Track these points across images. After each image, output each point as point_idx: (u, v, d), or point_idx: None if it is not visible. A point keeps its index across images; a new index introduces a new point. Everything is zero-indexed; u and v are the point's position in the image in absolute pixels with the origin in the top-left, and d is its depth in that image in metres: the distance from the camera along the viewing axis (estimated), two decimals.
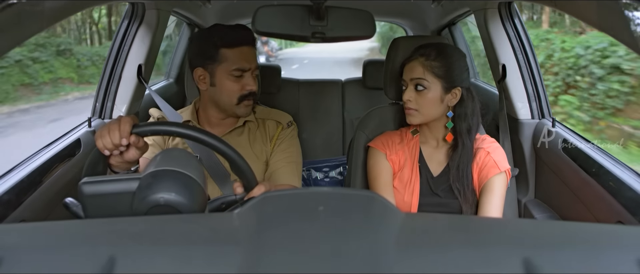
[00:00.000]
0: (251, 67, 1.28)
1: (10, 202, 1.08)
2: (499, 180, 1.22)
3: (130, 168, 0.97)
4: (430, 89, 1.22)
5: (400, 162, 1.31)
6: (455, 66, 1.22)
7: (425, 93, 1.23)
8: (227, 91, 1.28)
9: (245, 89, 1.28)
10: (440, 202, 1.27)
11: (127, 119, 0.89)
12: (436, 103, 1.23)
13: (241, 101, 1.28)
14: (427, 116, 1.25)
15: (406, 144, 1.32)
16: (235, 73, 1.26)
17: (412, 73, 1.24)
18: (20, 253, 0.42)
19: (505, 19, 1.62)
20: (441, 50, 1.23)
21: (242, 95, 1.28)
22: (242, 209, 0.51)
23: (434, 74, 1.22)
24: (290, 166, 1.33)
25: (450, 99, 1.24)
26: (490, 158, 1.24)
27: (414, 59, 1.25)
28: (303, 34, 1.42)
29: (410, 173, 1.29)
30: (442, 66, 1.22)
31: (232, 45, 1.26)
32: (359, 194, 0.61)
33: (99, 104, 1.63)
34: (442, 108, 1.24)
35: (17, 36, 0.78)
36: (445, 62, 1.22)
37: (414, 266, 0.41)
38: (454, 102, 1.24)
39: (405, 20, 2.85)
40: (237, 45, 1.26)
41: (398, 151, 1.31)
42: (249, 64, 1.27)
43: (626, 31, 0.79)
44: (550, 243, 0.46)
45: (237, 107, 1.29)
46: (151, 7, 1.62)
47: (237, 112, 1.30)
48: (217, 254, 0.43)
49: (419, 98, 1.23)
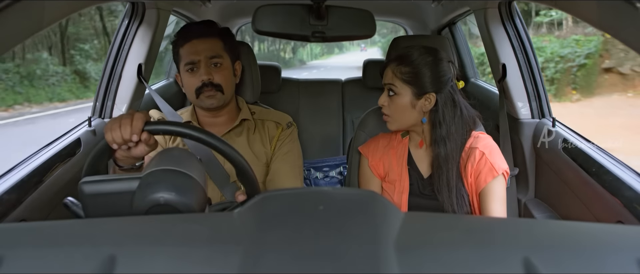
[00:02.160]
0: (199, 58, 1.28)
1: (10, 201, 1.08)
2: (497, 184, 1.20)
3: (135, 163, 0.97)
4: (400, 94, 1.21)
5: (385, 166, 1.31)
6: (428, 72, 1.19)
7: (396, 99, 1.22)
8: (187, 87, 1.31)
9: (199, 80, 1.28)
10: (428, 204, 1.26)
11: (139, 115, 0.88)
12: (407, 109, 1.21)
13: (199, 94, 1.29)
14: (400, 122, 1.24)
15: (394, 146, 1.32)
16: (187, 68, 1.29)
17: (386, 78, 1.24)
18: (21, 253, 0.42)
19: (506, 19, 1.62)
20: (416, 56, 1.20)
21: (198, 87, 1.28)
22: (242, 208, 0.51)
23: (403, 80, 1.20)
24: (293, 170, 1.33)
25: (424, 104, 1.21)
26: (486, 161, 1.20)
27: (389, 64, 1.24)
28: (303, 33, 1.42)
29: (398, 174, 1.28)
30: (412, 73, 1.19)
31: (184, 42, 1.29)
32: (359, 194, 0.61)
33: (99, 103, 1.63)
34: (415, 114, 1.22)
35: (16, 36, 0.78)
36: (415, 68, 1.19)
37: (414, 266, 0.41)
38: (428, 108, 1.21)
39: (406, 19, 2.85)
40: (187, 41, 1.29)
41: (382, 156, 1.31)
42: (197, 55, 1.28)
43: (626, 31, 0.79)
44: (550, 243, 0.46)
45: (199, 101, 1.30)
46: (151, 7, 1.62)
47: (202, 105, 1.31)
48: (217, 254, 0.43)
49: (391, 103, 1.23)
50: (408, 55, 1.21)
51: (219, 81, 1.28)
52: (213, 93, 1.28)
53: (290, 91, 2.44)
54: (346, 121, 2.47)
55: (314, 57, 28.11)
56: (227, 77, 1.31)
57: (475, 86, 2.42)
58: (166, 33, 1.83)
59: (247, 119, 1.36)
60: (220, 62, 1.30)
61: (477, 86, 2.39)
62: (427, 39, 2.09)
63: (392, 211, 0.50)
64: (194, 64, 1.28)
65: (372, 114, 1.48)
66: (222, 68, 1.30)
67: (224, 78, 1.30)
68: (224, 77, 1.30)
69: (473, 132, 1.26)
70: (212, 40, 1.30)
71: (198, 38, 1.28)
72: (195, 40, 1.28)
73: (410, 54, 1.21)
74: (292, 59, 25.01)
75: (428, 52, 1.22)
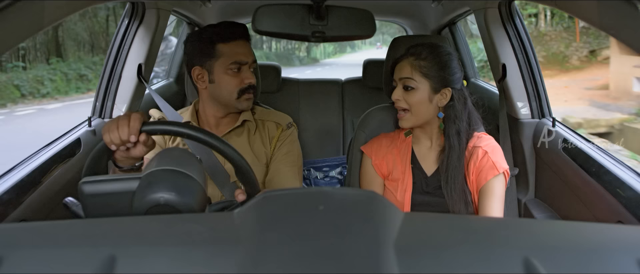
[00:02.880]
0: (248, 61, 1.29)
1: (10, 202, 1.08)
2: (498, 182, 1.22)
3: (135, 164, 0.97)
4: (419, 88, 1.22)
5: (389, 165, 1.31)
6: (445, 67, 1.21)
7: (413, 93, 1.22)
8: (227, 85, 1.29)
9: (244, 82, 1.28)
10: (432, 202, 1.27)
11: (137, 116, 0.88)
12: (425, 103, 1.23)
13: (241, 95, 1.29)
14: (418, 116, 1.25)
15: (397, 145, 1.32)
16: (233, 67, 1.27)
17: (401, 72, 1.24)
18: (21, 253, 0.42)
19: (506, 19, 1.62)
20: (431, 50, 1.22)
21: (242, 89, 1.28)
22: (242, 208, 0.51)
23: (422, 73, 1.21)
24: (292, 170, 1.33)
25: (440, 99, 1.23)
26: (488, 159, 1.22)
27: (403, 59, 1.25)
28: (303, 33, 1.42)
29: (402, 173, 1.29)
30: (431, 66, 1.21)
31: (227, 40, 1.27)
32: (359, 194, 0.61)
33: (99, 103, 1.63)
34: (431, 108, 1.24)
35: (16, 35, 0.78)
36: (434, 62, 1.21)
37: (414, 266, 0.41)
38: (443, 103, 1.23)
39: (406, 19, 2.85)
40: (232, 40, 1.28)
41: (386, 155, 1.32)
42: (246, 57, 1.28)
43: (626, 31, 0.79)
44: (551, 243, 0.46)
45: (237, 102, 1.30)
46: (151, 7, 1.62)
47: (239, 106, 1.31)
48: (217, 254, 0.43)
49: (408, 97, 1.23)
50: (425, 50, 1.23)
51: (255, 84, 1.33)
52: (252, 96, 1.32)
53: (290, 91, 2.44)
54: (346, 120, 2.47)
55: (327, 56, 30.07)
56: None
57: (475, 85, 2.42)
58: (166, 32, 1.83)
59: (248, 119, 1.36)
60: (255, 66, 1.35)
61: (476, 86, 2.39)
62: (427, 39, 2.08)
63: (392, 211, 0.50)
64: (242, 64, 1.29)
65: (372, 114, 1.48)
66: (255, 71, 1.35)
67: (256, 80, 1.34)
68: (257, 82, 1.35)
69: (475, 133, 1.28)
70: (250, 45, 1.33)
71: (245, 39, 1.30)
72: (242, 41, 1.29)
73: (426, 48, 1.23)
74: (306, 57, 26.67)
75: (442, 48, 1.24)
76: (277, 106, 1.64)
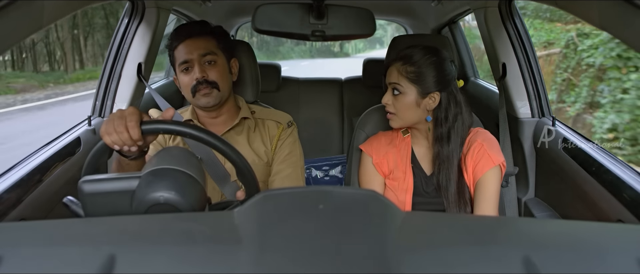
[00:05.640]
0: (193, 57, 1.28)
1: (10, 200, 1.08)
2: (493, 174, 1.22)
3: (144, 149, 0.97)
4: (406, 93, 1.21)
5: (390, 164, 1.31)
6: (433, 72, 1.20)
7: (401, 97, 1.22)
8: (184, 87, 1.31)
9: (193, 79, 1.28)
10: (431, 202, 1.28)
11: (133, 117, 0.88)
12: (412, 107, 1.22)
13: (195, 93, 1.29)
14: (405, 120, 1.25)
15: (397, 144, 1.32)
16: (182, 68, 1.29)
17: (390, 77, 1.24)
18: (20, 252, 0.42)
19: (506, 18, 1.62)
20: (422, 55, 1.21)
21: (193, 86, 1.28)
22: (242, 207, 0.51)
23: (409, 79, 1.21)
24: (295, 171, 1.33)
25: (428, 103, 1.22)
26: (485, 151, 1.23)
27: (392, 63, 1.25)
28: (303, 32, 1.42)
29: (403, 172, 1.29)
30: (419, 72, 1.20)
31: (177, 43, 1.29)
32: (360, 193, 0.61)
33: (99, 102, 1.63)
34: (420, 112, 1.23)
35: (16, 35, 0.78)
36: (421, 68, 1.20)
37: (414, 265, 0.41)
38: (433, 106, 1.23)
39: (406, 18, 2.84)
40: (180, 42, 1.29)
41: (387, 153, 1.32)
42: (190, 54, 1.28)
43: (626, 30, 0.79)
44: (551, 242, 0.46)
45: (195, 100, 1.30)
46: (151, 5, 1.62)
47: (198, 103, 1.30)
48: (217, 253, 0.43)
49: (395, 102, 1.23)
50: (413, 55, 1.22)
51: (214, 78, 1.28)
52: (208, 91, 1.28)
53: (290, 90, 2.44)
54: (346, 119, 2.47)
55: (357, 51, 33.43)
56: (222, 74, 1.30)
57: (475, 84, 2.42)
58: (166, 32, 1.83)
59: (247, 117, 1.36)
60: (214, 59, 1.30)
61: (477, 85, 2.39)
62: (427, 38, 2.09)
63: (393, 211, 0.50)
64: (188, 63, 1.28)
65: (372, 113, 1.48)
66: (217, 65, 1.30)
67: (218, 75, 1.29)
68: (219, 74, 1.30)
69: (472, 129, 1.29)
70: (204, 39, 1.30)
71: (190, 37, 1.29)
72: (188, 40, 1.28)
73: (415, 53, 1.22)
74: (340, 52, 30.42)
75: (432, 51, 1.23)
76: (277, 105, 1.64)
